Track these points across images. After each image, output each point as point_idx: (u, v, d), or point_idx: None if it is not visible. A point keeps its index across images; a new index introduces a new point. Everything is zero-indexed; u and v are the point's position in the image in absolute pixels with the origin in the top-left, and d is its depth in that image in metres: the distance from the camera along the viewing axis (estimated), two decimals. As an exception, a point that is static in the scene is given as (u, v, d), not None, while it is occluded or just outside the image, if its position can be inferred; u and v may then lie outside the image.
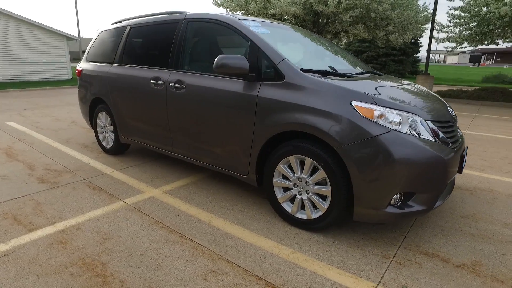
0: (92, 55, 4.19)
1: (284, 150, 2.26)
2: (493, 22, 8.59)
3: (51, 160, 3.83)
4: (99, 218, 2.44)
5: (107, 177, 3.29)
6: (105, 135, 4.08)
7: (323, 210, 2.18)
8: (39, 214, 2.50)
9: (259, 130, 2.35)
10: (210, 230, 2.30)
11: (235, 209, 2.64)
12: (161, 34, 3.19)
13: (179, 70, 2.92)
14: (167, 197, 2.84)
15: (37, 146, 4.42)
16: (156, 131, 3.23)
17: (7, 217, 2.46)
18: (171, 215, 2.51)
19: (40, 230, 2.27)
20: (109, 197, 2.82)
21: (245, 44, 2.56)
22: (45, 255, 1.98)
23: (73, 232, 2.25)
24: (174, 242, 2.14)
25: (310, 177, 2.21)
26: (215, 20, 2.74)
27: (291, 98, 2.18)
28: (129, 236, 2.20)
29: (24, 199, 2.77)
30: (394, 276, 1.82)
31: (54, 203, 2.70)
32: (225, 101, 2.53)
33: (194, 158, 2.96)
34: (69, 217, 2.46)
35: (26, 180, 3.19)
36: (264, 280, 1.79)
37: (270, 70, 2.33)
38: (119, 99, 3.56)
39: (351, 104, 2.00)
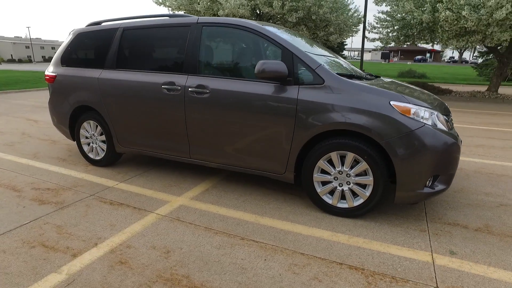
0: (68, 59, 3.77)
1: (326, 147, 2.48)
2: (414, 26, 10.10)
3: (32, 178, 3.37)
4: (143, 233, 2.32)
5: (116, 190, 3.07)
6: (92, 146, 3.73)
7: (365, 197, 2.47)
8: (70, 238, 2.26)
9: (300, 131, 2.52)
10: (264, 229, 2.40)
11: (271, 207, 2.76)
12: (169, 37, 3.09)
13: (199, 75, 2.89)
14: (197, 203, 2.81)
15: (0, 164, 3.80)
16: (169, 138, 3.13)
17: (34, 245, 2.17)
18: (216, 220, 2.52)
19: (86, 253, 2.07)
20: (136, 211, 2.67)
21: (272, 49, 2.68)
22: (116, 278, 1.85)
23: (126, 250, 2.11)
24: (239, 245, 2.18)
25: (351, 169, 2.47)
26: (238, 26, 2.79)
27: (334, 100, 2.41)
28: (190, 247, 2.17)
29: (36, 224, 2.45)
30: (438, 244, 2.21)
31: (77, 224, 2.45)
32: (259, 105, 2.62)
33: (218, 162, 2.97)
34: (108, 236, 2.28)
35: (21, 203, 2.78)
36: (344, 264, 1.99)
37: (308, 74, 2.51)
38: (117, 106, 3.32)
39: (390, 103, 2.32)
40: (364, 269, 1.95)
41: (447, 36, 8.63)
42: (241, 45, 2.94)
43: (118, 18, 3.86)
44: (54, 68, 3.86)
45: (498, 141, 5.07)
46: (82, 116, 3.69)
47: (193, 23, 2.98)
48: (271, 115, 2.60)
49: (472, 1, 7.28)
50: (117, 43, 3.38)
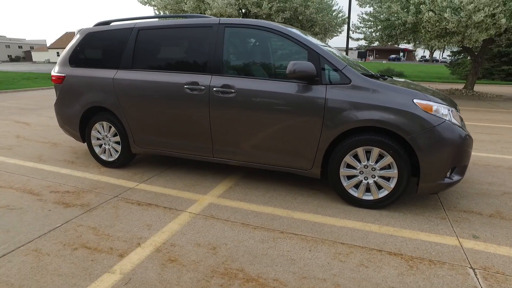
0: (78, 59, 3.68)
1: (353, 143, 2.62)
2: (397, 27, 10.56)
3: (46, 181, 3.28)
4: (183, 232, 2.36)
5: (139, 191, 3.06)
6: (105, 147, 3.68)
7: (389, 189, 2.63)
8: (110, 239, 2.25)
9: (328, 129, 2.64)
10: (299, 222, 2.50)
11: (299, 202, 2.87)
12: (189, 38, 3.11)
13: (223, 75, 2.94)
14: (226, 201, 2.87)
15: (5, 168, 3.66)
16: (190, 137, 3.15)
17: (76, 247, 2.14)
18: (250, 216, 2.60)
19: (132, 253, 2.09)
20: (167, 210, 2.68)
21: (297, 50, 2.79)
22: (171, 275, 1.88)
23: (171, 249, 2.14)
24: (281, 238, 2.27)
25: (376, 163, 2.63)
26: (262, 27, 2.87)
27: (361, 99, 2.55)
28: (234, 242, 2.23)
29: (69, 226, 2.41)
30: (460, 230, 2.40)
31: (112, 225, 2.44)
32: (287, 104, 2.72)
33: (242, 160, 3.04)
34: (148, 236, 2.30)
35: (45, 207, 2.72)
36: (383, 251, 2.13)
37: (335, 74, 2.64)
38: (134, 106, 3.29)
39: (413, 101, 2.49)
40: (403, 254, 2.10)
41: (429, 37, 9.12)
42: (265, 46, 3.02)
43: (127, 18, 3.82)
44: (62, 68, 3.76)
45: (485, 136, 5.46)
46: (93, 117, 3.62)
47: (215, 24, 3.02)
48: (298, 114, 2.71)
49: (453, 4, 7.75)
50: (133, 43, 3.35)
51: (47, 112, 7.41)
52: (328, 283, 1.84)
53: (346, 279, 1.87)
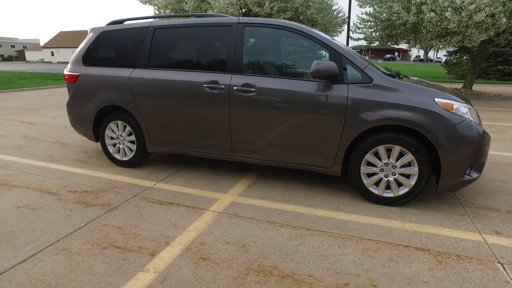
0: (91, 58, 3.66)
1: (374, 141, 2.65)
2: (398, 27, 10.65)
3: (62, 181, 3.26)
4: (210, 230, 2.37)
5: (158, 190, 3.06)
6: (119, 146, 3.66)
7: (410, 186, 2.67)
8: (138, 238, 2.25)
9: (349, 127, 2.67)
10: (323, 219, 2.53)
11: (319, 199, 2.89)
12: (208, 37, 3.11)
13: (244, 74, 2.95)
14: (247, 199, 2.88)
15: (19, 168, 3.62)
16: (209, 136, 3.16)
17: (105, 246, 2.14)
18: (274, 214, 2.61)
19: (163, 252, 2.09)
20: (190, 209, 2.69)
21: (318, 50, 2.81)
22: (206, 273, 1.89)
23: (201, 247, 2.15)
24: (308, 235, 2.30)
25: (397, 161, 2.66)
26: (283, 27, 2.88)
27: (383, 98, 2.58)
28: (263, 240, 2.24)
29: (94, 226, 2.40)
30: (481, 226, 2.45)
31: (137, 224, 2.44)
32: (309, 103, 2.74)
33: (261, 159, 3.05)
34: (175, 234, 2.30)
35: (65, 206, 2.70)
36: (410, 246, 2.16)
37: (357, 74, 2.67)
38: (151, 105, 3.29)
39: (434, 100, 2.53)
40: (429, 250, 2.14)
41: (430, 37, 9.22)
42: (285, 45, 3.04)
43: (141, 17, 3.81)
44: (75, 67, 3.73)
45: (491, 134, 5.54)
46: (107, 116, 3.61)
47: (234, 23, 3.03)
48: (320, 113, 2.73)
49: (455, 4, 7.84)
50: (149, 42, 3.34)
51: (50, 112, 7.34)
52: (362, 278, 1.86)
53: (379, 274, 1.90)
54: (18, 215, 2.56)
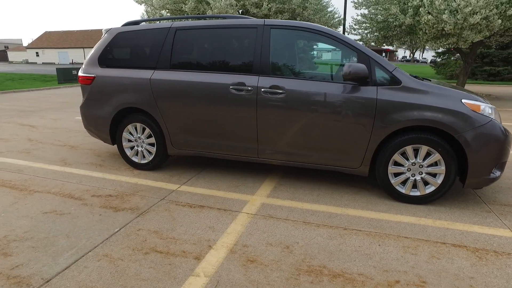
0: (108, 60, 3.59)
1: (403, 141, 2.70)
2: (394, 29, 10.86)
3: (83, 185, 3.18)
4: (249, 232, 2.36)
5: (185, 193, 3.03)
6: (137, 149, 3.60)
7: (436, 185, 2.73)
8: (178, 242, 2.22)
9: (378, 128, 2.71)
10: (357, 219, 2.56)
11: (347, 199, 2.92)
12: (232, 38, 3.11)
13: (271, 76, 2.96)
14: (277, 200, 2.89)
15: (33, 172, 3.52)
16: (234, 138, 3.15)
17: (146, 251, 2.11)
18: (308, 214, 2.63)
19: (208, 255, 2.07)
20: (223, 212, 2.67)
21: (345, 52, 2.84)
22: (257, 275, 1.89)
23: (246, 249, 2.14)
24: (347, 235, 2.32)
25: (424, 161, 2.72)
26: (310, 29, 2.90)
27: (412, 99, 2.63)
28: (304, 240, 2.26)
29: (129, 231, 2.36)
30: (509, 222, 2.53)
31: (173, 228, 2.41)
32: (337, 104, 2.77)
33: (288, 160, 3.06)
34: (215, 238, 2.28)
35: (94, 212, 2.65)
36: (447, 243, 2.22)
37: (385, 76, 2.71)
38: (174, 107, 3.25)
39: (461, 101, 2.60)
40: (466, 246, 2.20)
41: (426, 38, 9.44)
42: (311, 47, 3.06)
43: (158, 18, 3.77)
44: (91, 68, 3.65)
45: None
46: (125, 119, 3.55)
47: (260, 25, 3.03)
48: (349, 114, 2.76)
49: (451, 7, 8.06)
50: (170, 43, 3.31)
51: (49, 115, 7.15)
52: (410, 275, 1.90)
53: (425, 270, 1.94)
54: (48, 221, 2.49)
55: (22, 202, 2.83)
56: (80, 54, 47.56)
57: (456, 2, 7.88)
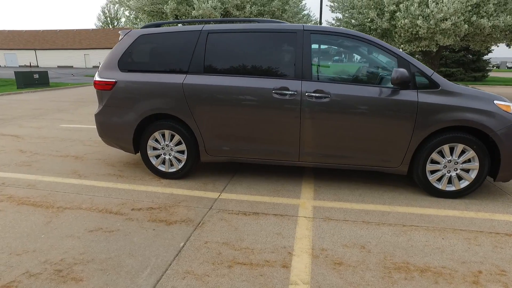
0: (129, 64, 3.38)
1: (441, 141, 2.88)
2: (369, 32, 11.45)
3: (114, 199, 2.97)
4: (319, 236, 2.37)
5: (230, 201, 2.95)
6: (164, 157, 3.43)
7: (470, 180, 2.95)
8: (255, 252, 2.17)
9: (419, 130, 2.86)
10: (408, 215, 2.68)
11: (388, 196, 3.05)
12: (271, 43, 3.09)
13: (314, 80, 2.99)
14: (326, 203, 2.93)
15: (50, 187, 3.20)
16: (275, 142, 3.13)
17: (229, 264, 2.03)
18: (362, 214, 2.70)
19: (293, 262, 2.05)
20: (281, 217, 2.65)
21: (384, 58, 2.97)
22: (352, 276, 1.91)
23: (326, 253, 2.15)
24: (409, 231, 2.42)
25: (459, 158, 2.93)
26: (348, 35, 2.98)
27: (450, 102, 2.82)
28: (374, 239, 2.32)
29: (196, 244, 2.25)
30: (538, 209, 2.82)
31: (242, 238, 2.34)
32: (380, 107, 2.88)
33: (330, 162, 3.11)
34: (290, 244, 2.26)
35: (145, 226, 2.48)
36: (500, 233, 2.41)
37: (424, 80, 2.87)
38: (211, 113, 3.16)
39: (494, 102, 2.84)
40: (517, 235, 2.42)
41: (401, 41, 10.11)
42: (351, 52, 3.14)
43: (181, 21, 3.63)
44: (110, 73, 3.41)
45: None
46: (151, 126, 3.36)
47: (299, 30, 3.05)
48: (391, 117, 2.88)
49: (425, 13, 8.72)
50: (203, 46, 3.20)
51: (27, 123, 6.51)
52: (487, 265, 2.04)
53: (498, 260, 2.10)
54: (99, 240, 2.29)
55: (57, 221, 2.57)
56: (31, 56, 43.75)
57: (429, 9, 8.53)
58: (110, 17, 55.49)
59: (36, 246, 2.22)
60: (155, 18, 11.20)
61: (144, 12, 10.82)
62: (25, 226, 2.49)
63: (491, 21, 8.64)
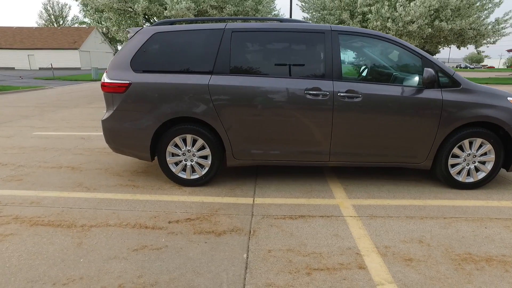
0: (145, 63, 3.10)
1: (461, 136, 3.06)
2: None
3: (142, 212, 2.71)
4: (375, 233, 2.39)
5: (270, 206, 2.86)
6: (185, 164, 3.22)
7: (487, 171, 3.18)
8: (323, 256, 2.12)
9: (443, 126, 3.02)
10: (443, 208, 2.82)
11: (413, 191, 3.18)
12: (299, 43, 3.05)
13: (344, 80, 3.00)
14: (362, 201, 2.97)
15: (59, 203, 2.83)
16: (306, 143, 3.09)
17: (307, 271, 1.96)
18: (401, 209, 2.78)
19: (367, 262, 2.04)
20: (328, 218, 2.63)
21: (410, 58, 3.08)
22: (429, 271, 1.95)
23: (391, 250, 2.18)
24: (450, 223, 2.55)
25: (477, 151, 3.15)
26: (375, 36, 3.04)
27: (471, 99, 3.01)
28: (427, 233, 2.40)
29: (259, 254, 2.14)
30: (543, 194, 3.14)
31: (304, 243, 2.27)
32: (408, 106, 2.98)
33: (358, 161, 3.16)
34: (353, 245, 2.25)
35: (193, 239, 2.30)
36: (530, 218, 2.65)
37: (446, 79, 3.03)
38: (240, 115, 3.03)
39: (508, 99, 3.10)
40: (540, 219, 2.66)
41: (371, 43, 10.72)
42: (377, 52, 3.20)
43: (198, 19, 3.43)
44: (123, 74, 3.10)
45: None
46: (170, 130, 3.13)
47: (327, 30, 3.04)
48: (419, 114, 3.00)
49: (394, 16, 9.30)
50: (228, 45, 3.05)
51: (-10, 131, 5.71)
52: (533, 249, 2.22)
53: (539, 243, 2.30)
54: (151, 260, 2.07)
55: (89, 241, 2.27)
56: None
57: (398, 12, 9.12)
58: (54, 15, 50.87)
59: (81, 272, 1.94)
60: (123, 17, 10.50)
61: (111, 10, 10.08)
62: (54, 250, 2.17)
63: (449, 25, 9.48)
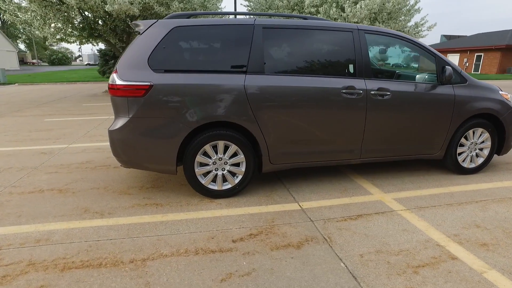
0: (166, 62, 2.67)
1: (466, 127, 3.43)
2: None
3: (192, 234, 2.35)
4: (436, 224, 2.50)
5: (320, 209, 2.76)
6: (215, 173, 2.89)
7: (484, 157, 3.61)
8: (412, 254, 2.12)
9: (455, 118, 3.33)
10: (466, 192, 3.11)
11: (432, 179, 3.44)
12: (330, 41, 3.00)
13: (374, 79, 3.06)
14: (397, 194, 3.08)
15: (74, 238, 2.27)
16: (341, 142, 3.07)
17: (414, 271, 1.93)
18: (435, 198, 2.97)
19: (454, 253, 2.11)
20: (382, 215, 2.65)
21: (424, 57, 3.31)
22: (509, 253, 2.10)
23: (461, 238, 2.30)
24: (487, 205, 2.83)
25: (478, 140, 3.56)
26: (398, 36, 3.18)
27: (475, 94, 3.38)
28: (476, 218, 2.60)
29: (352, 261, 2.04)
30: (523, 172, 3.71)
31: (385, 242, 2.24)
32: (430, 101, 3.20)
33: (385, 156, 3.28)
34: (425, 238, 2.30)
35: (281, 257, 2.07)
36: (534, 194, 3.09)
37: (456, 76, 3.34)
38: (278, 117, 2.85)
39: (499, 92, 3.56)
40: (538, 193, 3.14)
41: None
42: (401, 52, 3.33)
43: (217, 13, 3.11)
44: (141, 74, 2.61)
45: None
46: (200, 137, 2.77)
47: (355, 29, 3.06)
48: (438, 108, 3.25)
49: (341, 16, 9.98)
50: (260, 43, 2.83)
51: None
52: (557, 220, 2.61)
53: (556, 214, 2.70)
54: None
55: (156, 280, 1.85)
56: None
57: (345, 13, 9.82)
58: None
59: (178, 319, 1.57)
60: (49, 10, 8.95)
61: (34, 1, 8.48)
62: (119, 298, 1.71)
63: (385, 26, 10.60)
